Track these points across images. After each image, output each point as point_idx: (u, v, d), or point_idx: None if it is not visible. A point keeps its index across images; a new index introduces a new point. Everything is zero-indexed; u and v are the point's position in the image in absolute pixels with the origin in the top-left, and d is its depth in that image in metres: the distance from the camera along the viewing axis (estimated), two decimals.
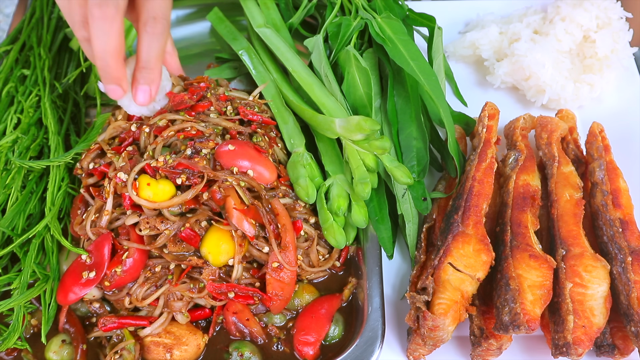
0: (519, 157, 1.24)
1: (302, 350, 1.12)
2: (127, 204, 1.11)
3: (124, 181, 1.11)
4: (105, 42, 0.97)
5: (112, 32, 0.96)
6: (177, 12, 1.70)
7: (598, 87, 1.45)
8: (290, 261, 1.12)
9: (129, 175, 1.11)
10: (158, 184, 1.10)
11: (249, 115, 1.25)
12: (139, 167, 1.11)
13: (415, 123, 1.30)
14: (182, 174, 1.11)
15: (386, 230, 1.23)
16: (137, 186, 1.10)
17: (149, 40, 1.00)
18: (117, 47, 0.98)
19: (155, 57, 1.02)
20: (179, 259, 1.13)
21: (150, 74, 1.04)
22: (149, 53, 1.01)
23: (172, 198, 1.10)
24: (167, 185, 1.11)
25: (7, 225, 1.16)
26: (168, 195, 1.10)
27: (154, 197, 1.10)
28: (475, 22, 1.63)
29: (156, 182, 1.10)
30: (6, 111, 1.38)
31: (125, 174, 1.12)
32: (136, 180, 1.10)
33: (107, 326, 1.11)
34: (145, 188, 1.09)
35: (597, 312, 1.05)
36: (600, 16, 1.48)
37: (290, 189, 1.22)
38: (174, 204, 1.10)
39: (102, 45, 0.98)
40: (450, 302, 1.06)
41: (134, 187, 1.10)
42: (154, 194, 1.09)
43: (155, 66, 1.04)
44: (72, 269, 1.14)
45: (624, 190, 1.19)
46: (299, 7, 1.55)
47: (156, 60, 1.03)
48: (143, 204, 1.09)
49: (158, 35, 1.00)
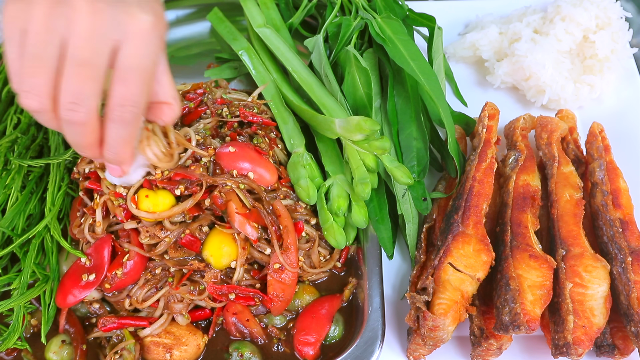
0: (519, 157, 1.24)
1: (302, 351, 1.12)
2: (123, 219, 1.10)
3: (124, 196, 1.10)
4: (78, 141, 0.88)
5: (83, 135, 0.87)
6: (177, 12, 1.69)
7: (598, 88, 1.45)
8: (291, 262, 1.12)
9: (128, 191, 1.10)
10: (157, 196, 1.09)
11: (249, 117, 1.25)
12: (139, 184, 1.09)
13: (415, 123, 1.30)
14: (180, 185, 1.10)
15: (386, 231, 1.23)
16: (135, 199, 1.09)
17: (115, 129, 0.89)
18: (91, 142, 0.89)
19: (122, 144, 0.91)
20: (180, 263, 1.12)
21: (118, 157, 0.93)
22: (115, 140, 0.90)
23: (172, 207, 1.09)
24: (166, 196, 1.10)
25: (7, 226, 1.16)
26: (168, 205, 1.09)
27: (154, 209, 1.09)
28: (474, 23, 1.63)
29: (154, 194, 1.09)
30: (6, 111, 1.38)
31: (124, 189, 1.10)
32: (135, 194, 1.09)
33: (107, 326, 1.11)
34: (144, 200, 1.08)
35: (597, 312, 1.05)
36: (600, 16, 1.48)
37: (291, 190, 1.22)
38: (173, 214, 1.09)
39: (73, 141, 0.89)
40: (450, 302, 1.06)
41: (132, 200, 1.09)
42: (154, 205, 1.08)
43: (122, 152, 0.93)
44: (71, 271, 1.14)
45: (624, 190, 1.19)
46: (299, 7, 1.55)
47: (124, 146, 0.92)
48: (143, 216, 1.09)
49: (124, 124, 0.89)
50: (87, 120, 0.85)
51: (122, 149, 0.92)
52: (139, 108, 0.88)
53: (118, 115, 0.87)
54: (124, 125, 0.89)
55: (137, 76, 0.86)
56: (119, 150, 0.92)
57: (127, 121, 0.88)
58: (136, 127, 0.91)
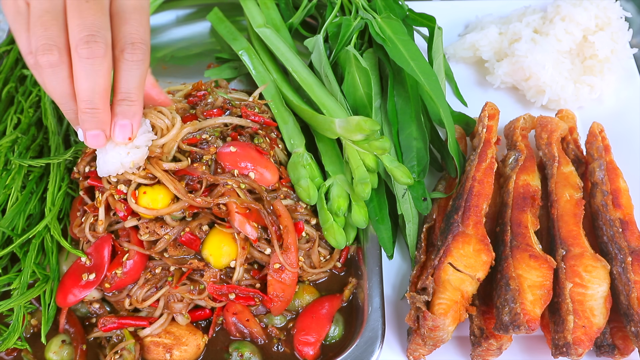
0: (519, 157, 1.24)
1: (302, 351, 1.12)
2: (124, 215, 1.10)
3: (125, 193, 1.10)
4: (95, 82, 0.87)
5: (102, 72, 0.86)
6: (177, 12, 1.69)
7: (598, 89, 1.45)
8: (291, 262, 1.12)
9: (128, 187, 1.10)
10: (155, 192, 1.09)
11: (250, 117, 1.25)
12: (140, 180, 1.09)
13: (415, 123, 1.30)
14: (181, 180, 1.10)
15: (386, 231, 1.23)
16: (135, 195, 1.09)
17: (129, 69, 0.89)
18: (107, 88, 0.89)
19: (137, 87, 0.91)
20: (179, 262, 1.12)
21: (132, 106, 0.92)
22: (129, 83, 0.90)
23: (171, 204, 1.10)
24: (164, 192, 1.10)
25: (7, 226, 1.16)
26: (166, 201, 1.09)
27: (153, 205, 1.09)
28: (474, 24, 1.63)
29: (152, 190, 1.09)
30: (6, 111, 1.38)
31: (125, 185, 1.10)
32: (136, 190, 1.09)
33: (107, 326, 1.11)
34: (142, 196, 1.09)
35: (597, 312, 1.05)
36: (600, 15, 1.48)
37: (292, 190, 1.22)
38: (172, 210, 1.09)
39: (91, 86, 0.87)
40: (450, 302, 1.06)
41: (132, 195, 1.09)
42: (152, 201, 1.09)
43: (137, 98, 0.92)
44: (71, 271, 1.14)
45: (624, 190, 1.19)
46: (299, 7, 1.55)
47: (138, 90, 0.92)
48: (142, 212, 1.09)
49: (138, 63, 0.89)
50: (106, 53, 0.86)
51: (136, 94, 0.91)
52: (147, 45, 0.90)
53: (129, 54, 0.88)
54: (136, 64, 0.89)
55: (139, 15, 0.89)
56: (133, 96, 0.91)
57: (139, 59, 0.89)
58: (147, 68, 0.92)
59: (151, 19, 1.61)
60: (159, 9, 1.65)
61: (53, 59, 0.85)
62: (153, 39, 1.65)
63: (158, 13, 1.65)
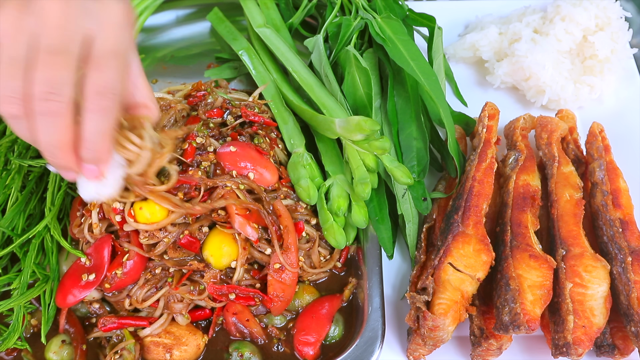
0: (519, 157, 1.24)
1: (302, 351, 1.12)
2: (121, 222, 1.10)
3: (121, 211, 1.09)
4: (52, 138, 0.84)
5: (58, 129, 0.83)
6: (177, 12, 1.69)
7: (598, 89, 1.45)
8: (292, 262, 1.12)
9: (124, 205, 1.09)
10: (151, 205, 1.07)
11: (250, 117, 1.25)
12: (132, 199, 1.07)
13: (415, 123, 1.30)
14: (178, 191, 1.09)
15: (386, 230, 1.23)
16: (132, 213, 1.08)
17: (90, 119, 0.85)
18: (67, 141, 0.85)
19: (101, 137, 0.87)
20: (179, 264, 1.12)
21: (95, 153, 0.88)
22: (91, 131, 0.86)
23: (170, 213, 1.08)
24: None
25: (7, 226, 1.16)
26: (165, 211, 1.08)
27: (152, 218, 1.08)
28: (474, 24, 1.63)
29: (148, 204, 1.07)
30: None
31: (120, 204, 1.09)
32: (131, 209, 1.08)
33: (107, 326, 1.11)
34: (139, 213, 1.07)
35: (597, 312, 1.05)
36: (600, 15, 1.48)
37: (292, 190, 1.22)
38: (172, 220, 1.09)
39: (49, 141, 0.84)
40: (450, 302, 1.06)
41: (129, 215, 1.08)
42: (152, 214, 1.07)
43: (101, 146, 0.88)
44: (71, 271, 1.14)
45: (624, 190, 1.19)
46: (299, 7, 1.55)
47: (102, 140, 0.88)
48: (143, 228, 1.08)
49: (101, 112, 0.85)
50: (64, 111, 0.82)
51: (101, 143, 0.88)
52: (116, 95, 0.85)
53: (96, 104, 0.84)
54: (102, 114, 0.85)
55: (114, 61, 0.84)
56: (98, 145, 0.87)
57: (106, 109, 0.85)
58: (114, 117, 0.87)
59: (151, 19, 1.62)
60: (159, 9, 1.65)
61: (13, 111, 0.82)
62: (153, 39, 1.65)
63: (158, 13, 1.65)
